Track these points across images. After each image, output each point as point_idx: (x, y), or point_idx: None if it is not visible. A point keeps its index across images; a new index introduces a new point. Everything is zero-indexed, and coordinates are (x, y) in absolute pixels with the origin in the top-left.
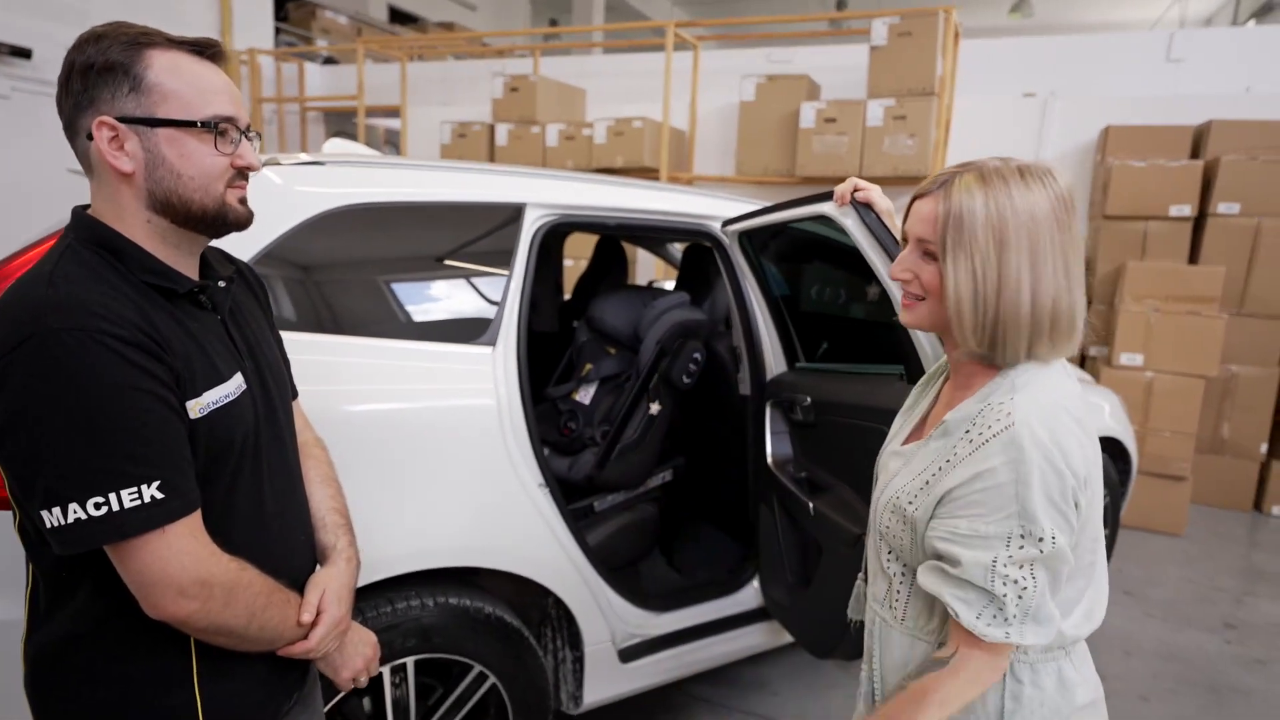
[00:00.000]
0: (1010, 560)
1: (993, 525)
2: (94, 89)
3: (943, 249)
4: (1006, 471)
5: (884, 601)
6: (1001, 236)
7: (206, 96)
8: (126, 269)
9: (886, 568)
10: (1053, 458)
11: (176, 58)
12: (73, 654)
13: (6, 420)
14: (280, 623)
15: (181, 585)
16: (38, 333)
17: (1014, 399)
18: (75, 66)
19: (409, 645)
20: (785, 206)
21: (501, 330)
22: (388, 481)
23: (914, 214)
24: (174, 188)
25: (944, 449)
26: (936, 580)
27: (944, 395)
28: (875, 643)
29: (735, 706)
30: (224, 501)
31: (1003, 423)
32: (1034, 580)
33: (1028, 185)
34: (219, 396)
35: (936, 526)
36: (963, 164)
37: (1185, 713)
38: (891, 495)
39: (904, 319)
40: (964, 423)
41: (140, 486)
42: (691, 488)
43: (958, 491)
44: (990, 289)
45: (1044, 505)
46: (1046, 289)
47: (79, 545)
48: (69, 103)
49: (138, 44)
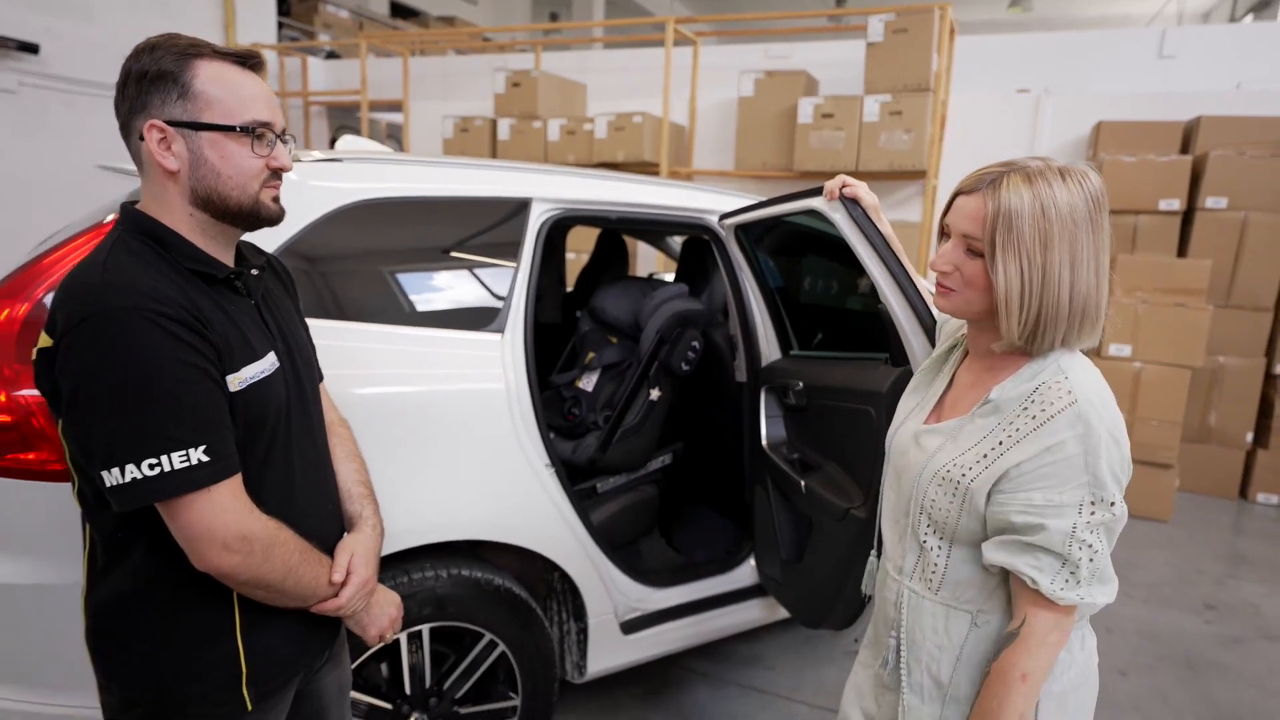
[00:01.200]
0: (1086, 526)
1: (1067, 494)
2: (146, 94)
3: (990, 247)
4: (1076, 444)
5: (914, 574)
6: (1046, 237)
7: (246, 103)
8: (171, 256)
9: (924, 541)
10: (1114, 431)
11: (221, 67)
12: (129, 608)
13: (71, 391)
14: (313, 580)
15: (225, 540)
16: (95, 313)
17: (1069, 379)
18: (131, 74)
19: (425, 614)
20: (778, 201)
21: (510, 318)
22: (404, 460)
23: (958, 210)
24: (214, 185)
25: (998, 425)
26: (1008, 553)
27: (964, 376)
28: (903, 614)
29: (732, 680)
30: (258, 470)
31: (1065, 400)
32: (1102, 544)
33: (1068, 186)
34: (255, 372)
35: (1007, 501)
36: (1006, 163)
37: (1162, 686)
38: (939, 468)
39: (939, 305)
40: (1017, 400)
41: (188, 450)
42: (689, 471)
43: (1027, 465)
44: (1035, 286)
45: (1109, 474)
46: (1081, 286)
47: (135, 502)
48: (125, 106)
49: (187, 55)
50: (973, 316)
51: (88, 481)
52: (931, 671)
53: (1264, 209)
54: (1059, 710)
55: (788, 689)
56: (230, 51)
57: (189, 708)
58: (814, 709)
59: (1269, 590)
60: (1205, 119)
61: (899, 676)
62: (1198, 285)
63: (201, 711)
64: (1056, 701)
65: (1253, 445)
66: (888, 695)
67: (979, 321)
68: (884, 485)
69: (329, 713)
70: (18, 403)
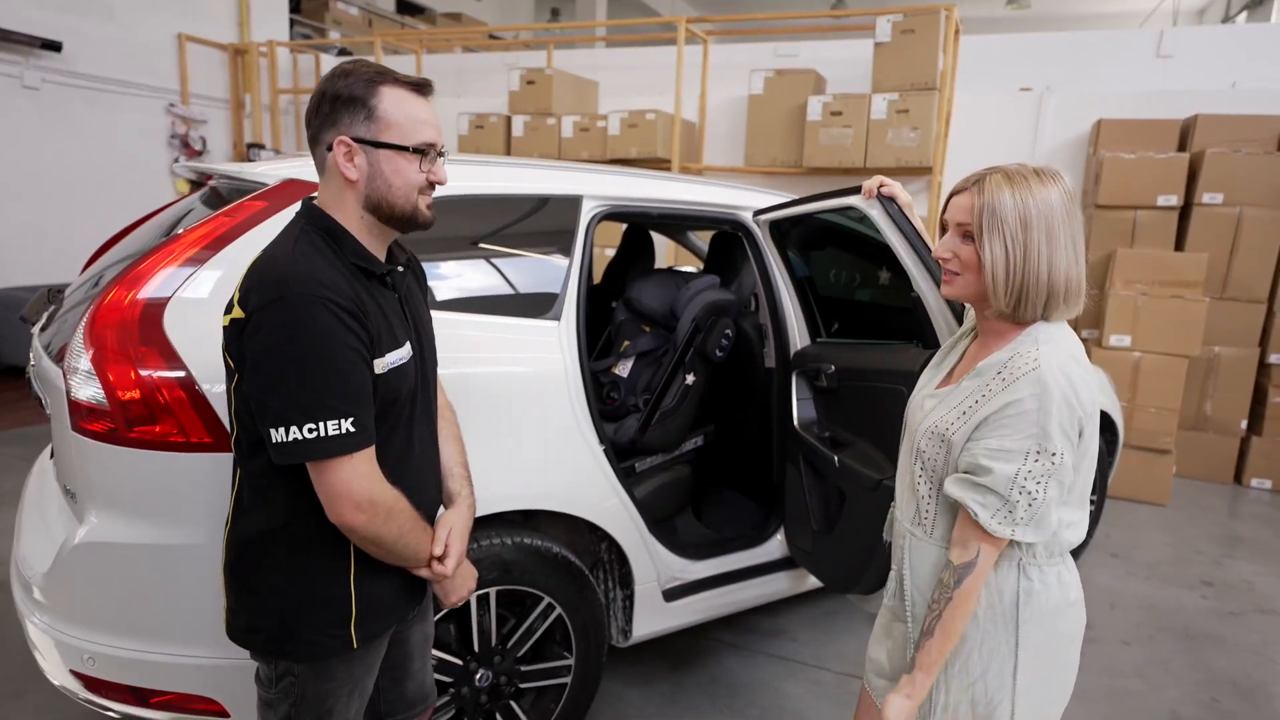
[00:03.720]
0: (1029, 474)
1: (1017, 442)
2: (338, 113)
3: (979, 231)
4: (1032, 401)
5: (914, 520)
6: (1025, 219)
7: (418, 127)
8: (341, 251)
9: (918, 490)
10: (1067, 394)
11: (401, 94)
12: (265, 544)
13: (256, 357)
14: (418, 546)
15: (358, 500)
16: (285, 295)
17: (1039, 350)
18: (326, 94)
19: (492, 577)
20: (815, 199)
21: (565, 306)
22: (477, 435)
23: (953, 206)
24: (385, 195)
25: (978, 387)
26: (961, 488)
27: (971, 352)
28: (905, 555)
29: (759, 650)
30: (385, 444)
31: (1030, 365)
32: (1044, 492)
33: (1042, 182)
34: (396, 359)
35: (972, 447)
36: (989, 168)
37: (1162, 655)
38: (931, 424)
39: (945, 291)
40: (994, 366)
41: (340, 420)
42: (719, 453)
43: (992, 418)
44: (1017, 261)
45: (1057, 429)
46: (1059, 263)
47: (292, 458)
48: (317, 121)
49: (374, 82)
50: (973, 299)
51: (246, 432)
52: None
53: (1258, 204)
54: (1040, 635)
55: (812, 658)
56: (408, 80)
57: (305, 634)
58: (837, 675)
59: (1262, 569)
60: (1202, 117)
61: (904, 607)
62: (1195, 278)
63: (316, 640)
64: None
65: (1247, 432)
66: (898, 625)
67: (979, 303)
68: (901, 447)
69: (414, 660)
70: (145, 381)
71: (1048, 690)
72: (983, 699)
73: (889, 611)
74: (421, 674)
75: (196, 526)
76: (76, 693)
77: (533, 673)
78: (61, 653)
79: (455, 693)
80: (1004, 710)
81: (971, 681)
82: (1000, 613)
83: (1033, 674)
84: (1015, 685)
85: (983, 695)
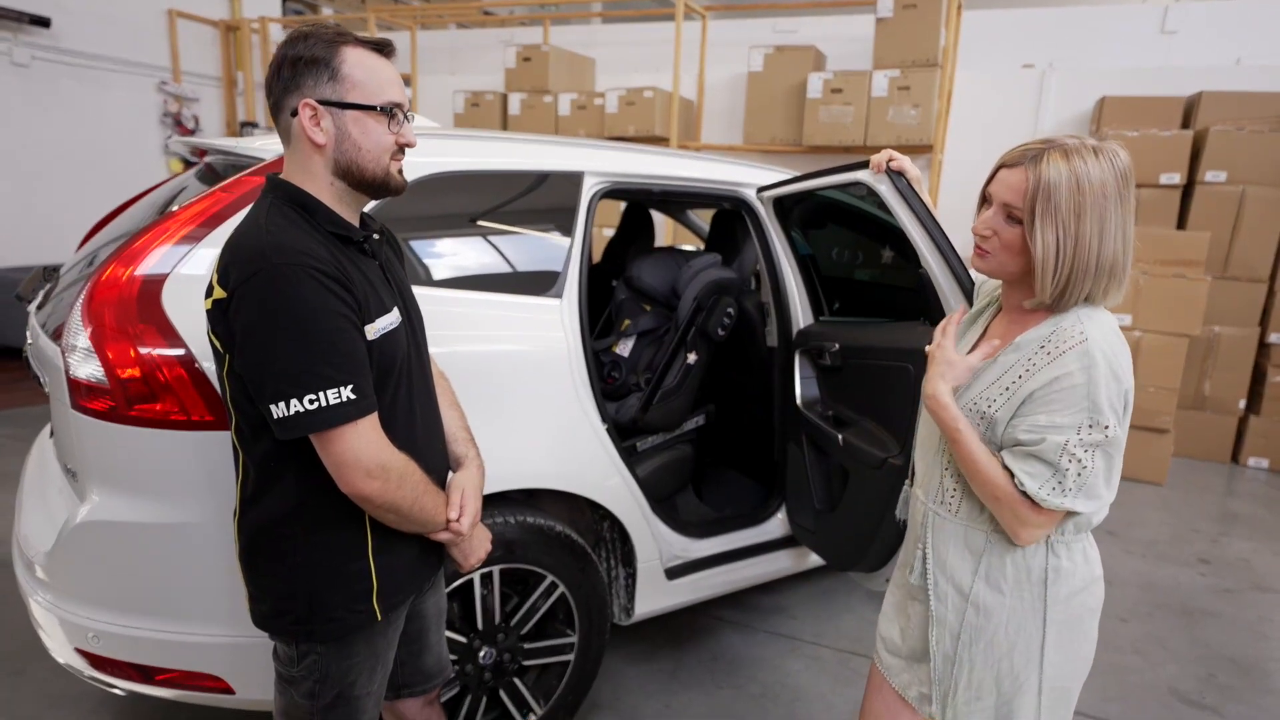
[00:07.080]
0: (1080, 444)
1: (1067, 416)
2: (300, 76)
3: (1030, 215)
4: (1081, 375)
5: (936, 497)
6: (1079, 208)
7: (384, 86)
8: (316, 220)
9: (946, 467)
10: (1115, 368)
11: (362, 54)
12: (279, 528)
13: (245, 334)
14: (433, 509)
15: (368, 467)
16: (265, 268)
17: (1084, 325)
18: (286, 58)
19: (495, 555)
20: (821, 174)
21: (566, 284)
22: (481, 413)
23: (1000, 181)
24: (355, 158)
25: (1018, 361)
26: (1010, 457)
27: (997, 326)
28: (928, 534)
29: (760, 627)
30: (389, 411)
31: (1077, 338)
32: (1093, 463)
33: (1100, 162)
34: (386, 324)
35: (1019, 424)
36: (1045, 140)
37: (1159, 631)
38: (969, 401)
39: (977, 265)
40: (1036, 340)
41: (339, 388)
42: (720, 432)
43: (1039, 393)
44: (1068, 252)
45: (1107, 403)
46: (1108, 251)
47: (296, 432)
48: (279, 87)
49: (335, 42)
50: (1007, 277)
51: (245, 417)
52: (954, 581)
53: (1262, 183)
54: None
55: (811, 635)
56: (369, 40)
57: (330, 613)
58: (837, 652)
59: (1259, 547)
60: (1206, 94)
61: (925, 586)
62: (1196, 257)
63: (343, 617)
64: (1064, 604)
65: (1245, 412)
66: (916, 606)
67: (1012, 281)
68: (919, 423)
69: (430, 631)
70: (145, 358)
71: (1072, 664)
72: (1008, 674)
73: (904, 589)
74: (438, 646)
75: (199, 504)
76: (82, 670)
77: (536, 650)
78: (66, 631)
79: (459, 670)
80: (1031, 684)
81: (998, 658)
82: (1029, 590)
83: (1058, 649)
84: (1043, 660)
85: (1009, 671)
